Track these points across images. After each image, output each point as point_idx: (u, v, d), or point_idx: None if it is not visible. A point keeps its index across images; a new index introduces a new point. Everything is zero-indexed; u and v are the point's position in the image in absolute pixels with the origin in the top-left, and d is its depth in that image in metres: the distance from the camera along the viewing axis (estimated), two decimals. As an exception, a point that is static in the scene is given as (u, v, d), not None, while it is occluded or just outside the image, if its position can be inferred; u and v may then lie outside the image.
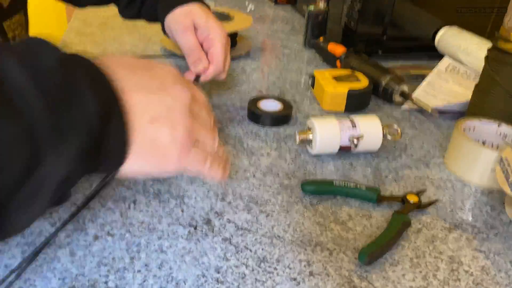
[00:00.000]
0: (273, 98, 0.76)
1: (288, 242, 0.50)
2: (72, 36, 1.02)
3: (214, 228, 0.52)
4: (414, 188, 0.61)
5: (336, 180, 0.59)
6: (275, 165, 0.63)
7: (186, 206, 0.55)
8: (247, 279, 0.46)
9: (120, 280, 0.45)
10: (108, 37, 1.02)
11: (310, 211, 0.55)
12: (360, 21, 0.94)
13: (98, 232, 0.50)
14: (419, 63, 0.99)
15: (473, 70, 0.88)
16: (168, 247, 0.49)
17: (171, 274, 0.46)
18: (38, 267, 0.45)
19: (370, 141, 0.65)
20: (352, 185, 0.57)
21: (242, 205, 0.55)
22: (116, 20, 1.12)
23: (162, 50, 0.97)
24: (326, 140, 0.63)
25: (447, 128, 0.76)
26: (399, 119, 0.78)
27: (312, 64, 0.97)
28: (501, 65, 0.65)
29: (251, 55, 0.98)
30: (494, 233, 0.54)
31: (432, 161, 0.67)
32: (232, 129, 0.71)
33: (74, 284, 0.44)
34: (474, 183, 0.62)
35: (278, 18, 1.25)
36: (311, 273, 0.47)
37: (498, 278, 0.48)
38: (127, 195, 0.56)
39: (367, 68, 0.84)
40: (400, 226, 0.52)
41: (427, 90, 0.84)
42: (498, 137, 0.66)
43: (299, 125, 0.74)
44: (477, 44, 0.87)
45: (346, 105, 0.77)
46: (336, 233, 0.52)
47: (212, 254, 0.48)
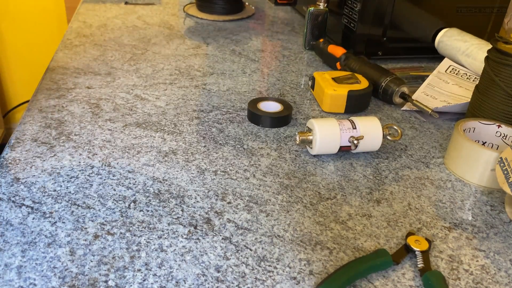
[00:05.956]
0: (273, 99, 0.76)
1: (288, 242, 0.50)
2: (72, 37, 1.02)
3: (214, 227, 0.52)
4: (414, 188, 0.61)
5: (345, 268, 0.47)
6: (275, 165, 0.63)
7: (186, 205, 0.55)
8: (247, 278, 0.46)
9: (120, 279, 0.45)
10: (108, 38, 1.03)
11: (310, 211, 0.55)
12: (360, 22, 0.94)
13: (98, 231, 0.50)
14: (419, 65, 1.00)
15: (473, 72, 0.88)
16: (168, 246, 0.49)
17: (171, 273, 0.46)
18: (38, 266, 0.45)
19: (370, 142, 0.65)
20: (365, 266, 0.47)
21: (242, 205, 0.55)
22: (116, 21, 1.12)
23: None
24: (326, 141, 0.63)
25: (447, 129, 0.76)
26: (399, 120, 0.78)
27: (312, 65, 0.97)
28: (501, 66, 0.65)
29: (251, 55, 0.99)
30: (494, 233, 0.54)
31: (432, 161, 0.67)
32: (232, 130, 0.71)
33: (74, 283, 0.44)
34: (474, 183, 0.62)
35: (278, 19, 1.25)
36: (311, 272, 0.47)
37: (498, 277, 0.48)
38: (127, 194, 0.56)
39: (367, 70, 0.84)
40: (444, 284, 0.46)
41: (427, 92, 0.84)
42: (498, 138, 0.66)
43: (299, 126, 0.74)
44: (477, 45, 0.87)
45: (346, 106, 0.77)
46: (336, 232, 0.52)
47: (212, 253, 0.48)
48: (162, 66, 0.91)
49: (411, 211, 0.57)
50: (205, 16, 1.21)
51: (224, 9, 1.22)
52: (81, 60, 0.91)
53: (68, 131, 0.68)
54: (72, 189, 0.56)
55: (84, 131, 0.68)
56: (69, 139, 0.66)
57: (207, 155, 0.65)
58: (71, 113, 0.72)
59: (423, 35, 0.98)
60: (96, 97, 0.78)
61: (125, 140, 0.67)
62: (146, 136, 0.68)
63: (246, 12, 1.27)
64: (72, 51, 0.94)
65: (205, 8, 1.23)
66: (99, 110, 0.74)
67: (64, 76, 0.84)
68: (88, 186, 0.57)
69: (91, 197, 0.55)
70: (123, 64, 0.90)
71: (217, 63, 0.94)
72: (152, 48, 0.99)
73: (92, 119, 0.71)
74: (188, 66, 0.92)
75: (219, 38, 1.08)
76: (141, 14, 1.20)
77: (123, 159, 0.62)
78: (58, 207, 0.53)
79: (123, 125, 0.70)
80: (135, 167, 0.61)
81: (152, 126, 0.71)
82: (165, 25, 1.13)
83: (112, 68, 0.88)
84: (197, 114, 0.75)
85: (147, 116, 0.73)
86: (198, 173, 0.61)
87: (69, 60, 0.90)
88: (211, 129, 0.71)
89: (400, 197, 0.59)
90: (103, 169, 0.60)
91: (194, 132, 0.70)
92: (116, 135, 0.68)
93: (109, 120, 0.71)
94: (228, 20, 1.21)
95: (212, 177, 0.60)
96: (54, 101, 0.75)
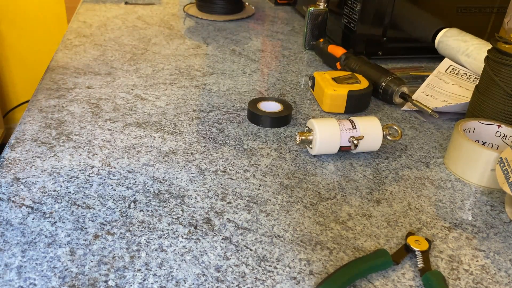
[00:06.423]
0: (273, 99, 0.76)
1: (288, 241, 0.50)
2: (72, 37, 1.02)
3: (214, 227, 0.52)
4: (414, 188, 0.61)
5: (344, 268, 0.47)
6: (275, 165, 0.63)
7: (186, 205, 0.55)
8: (247, 278, 0.46)
9: (120, 279, 0.45)
10: (108, 38, 1.03)
11: (310, 211, 0.55)
12: (360, 22, 0.94)
13: (98, 231, 0.50)
14: (419, 65, 1.00)
15: (473, 72, 0.88)
16: (168, 246, 0.49)
17: (171, 273, 0.46)
18: (38, 266, 0.45)
19: (370, 142, 0.65)
20: (365, 266, 0.47)
21: (242, 205, 0.55)
22: (116, 21, 1.12)
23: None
24: (326, 141, 0.63)
25: (447, 129, 0.76)
26: (399, 120, 0.78)
27: (312, 65, 0.97)
28: (501, 66, 0.65)
29: (251, 55, 0.99)
30: (494, 233, 0.54)
31: (432, 161, 0.67)
32: (232, 130, 0.71)
33: (74, 283, 0.44)
34: (474, 183, 0.62)
35: (278, 19, 1.25)
36: (311, 272, 0.47)
37: (498, 277, 0.48)
38: (127, 194, 0.56)
39: (367, 70, 0.84)
40: (444, 284, 0.46)
41: (427, 92, 0.84)
42: (498, 138, 0.66)
43: (299, 126, 0.74)
44: (477, 45, 0.87)
45: (346, 106, 0.77)
46: (336, 232, 0.52)
47: (212, 253, 0.48)
48: (162, 66, 0.91)
49: (411, 211, 0.57)
50: (205, 16, 1.21)
51: (224, 9, 1.22)
52: (81, 60, 0.91)
53: (68, 131, 0.68)
54: (72, 189, 0.56)
55: (84, 131, 0.68)
56: (69, 139, 0.66)
57: (207, 155, 0.65)
58: (71, 113, 0.72)
59: (423, 35, 0.98)
60: (96, 97, 0.78)
61: (125, 140, 0.67)
62: (146, 136, 0.68)
63: (246, 12, 1.27)
64: (72, 51, 0.94)
65: (205, 8, 1.23)
66: (99, 110, 0.74)
67: (64, 76, 0.84)
68: (88, 186, 0.57)
69: (91, 197, 0.55)
70: (123, 64, 0.90)
71: (217, 63, 0.94)
72: (152, 48, 0.99)
73: (92, 119, 0.71)
74: (188, 66, 0.92)
75: (219, 38, 1.08)
76: (141, 14, 1.20)
77: (123, 159, 0.62)
78: (58, 207, 0.53)
79: (123, 125, 0.70)
80: (135, 167, 0.61)
81: (152, 126, 0.71)
82: (165, 25, 1.13)
83: (112, 68, 0.88)
84: (197, 114, 0.75)
85: (147, 116, 0.73)
86: (198, 173, 0.61)
87: (69, 60, 0.90)
88: (211, 129, 0.71)
89: (400, 197, 0.59)
90: (103, 169, 0.60)
91: (194, 132, 0.70)
92: (116, 135, 0.68)
93: (109, 120, 0.71)
94: (228, 20, 1.21)
95: (212, 177, 0.60)
96: (54, 101, 0.75)
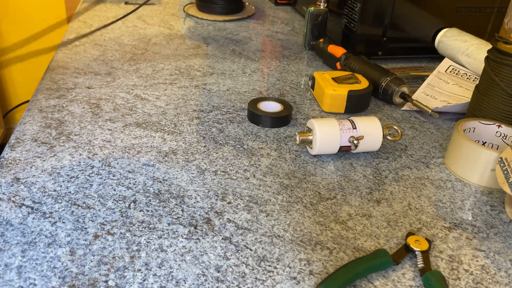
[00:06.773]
0: (273, 99, 0.76)
1: (288, 241, 0.50)
2: (72, 37, 1.02)
3: (214, 227, 0.52)
4: (414, 188, 0.61)
5: (343, 269, 0.46)
6: (275, 165, 0.63)
7: (186, 205, 0.55)
8: (247, 278, 0.46)
9: (120, 279, 0.45)
10: (108, 38, 1.03)
11: (310, 211, 0.55)
12: (360, 22, 0.94)
13: (98, 231, 0.50)
14: (419, 65, 1.00)
15: (473, 72, 0.88)
16: (168, 246, 0.49)
17: (171, 273, 0.46)
18: (38, 266, 0.45)
19: (370, 142, 0.65)
20: (365, 266, 0.47)
21: (242, 205, 0.55)
22: (116, 22, 1.12)
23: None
24: (326, 141, 0.63)
25: (447, 129, 0.76)
26: (399, 120, 0.78)
27: (312, 65, 0.97)
28: (501, 66, 0.65)
29: (251, 55, 0.99)
30: (494, 233, 0.54)
31: (432, 161, 0.67)
32: (232, 130, 0.71)
33: (74, 283, 0.44)
34: (474, 183, 0.62)
35: (278, 19, 1.25)
36: (311, 272, 0.47)
37: (498, 277, 0.48)
38: (127, 194, 0.56)
39: (367, 70, 0.84)
40: (444, 284, 0.46)
41: (427, 92, 0.84)
42: (498, 138, 0.66)
43: (299, 126, 0.74)
44: (477, 45, 0.87)
45: (346, 106, 0.77)
46: (336, 232, 0.52)
47: (212, 253, 0.48)
48: (162, 66, 0.91)
49: (411, 211, 0.57)
50: (205, 16, 1.21)
51: (224, 9, 1.22)
52: (81, 60, 0.91)
53: (68, 131, 0.68)
54: (72, 189, 0.56)
55: (84, 131, 0.68)
56: (69, 139, 0.66)
57: (207, 155, 0.65)
58: (71, 113, 0.72)
59: (423, 35, 0.98)
60: (96, 97, 0.78)
61: (125, 140, 0.67)
62: (146, 136, 0.68)
63: (246, 12, 1.27)
64: (72, 51, 0.94)
65: (205, 8, 1.23)
66: (99, 110, 0.74)
67: (64, 76, 0.84)
68: (88, 186, 0.57)
69: (91, 197, 0.55)
70: (123, 64, 0.90)
71: (217, 63, 0.94)
72: (152, 48, 0.99)
73: (92, 119, 0.71)
74: (188, 66, 0.92)
75: (219, 38, 1.08)
76: (141, 14, 1.20)
77: (123, 159, 0.62)
78: (58, 207, 0.53)
79: (123, 125, 0.70)
80: (135, 167, 0.61)
81: (152, 126, 0.71)
82: (165, 25, 1.13)
83: (112, 68, 0.88)
84: (197, 114, 0.75)
85: (147, 116, 0.73)
86: (198, 173, 0.61)
87: (69, 60, 0.90)
88: (211, 129, 0.71)
89: (400, 197, 0.59)
90: (103, 169, 0.60)
91: (194, 132, 0.70)
92: (116, 135, 0.68)
93: (109, 120, 0.71)
94: (228, 20, 1.21)
95: (212, 177, 0.60)
96: (54, 101, 0.75)
